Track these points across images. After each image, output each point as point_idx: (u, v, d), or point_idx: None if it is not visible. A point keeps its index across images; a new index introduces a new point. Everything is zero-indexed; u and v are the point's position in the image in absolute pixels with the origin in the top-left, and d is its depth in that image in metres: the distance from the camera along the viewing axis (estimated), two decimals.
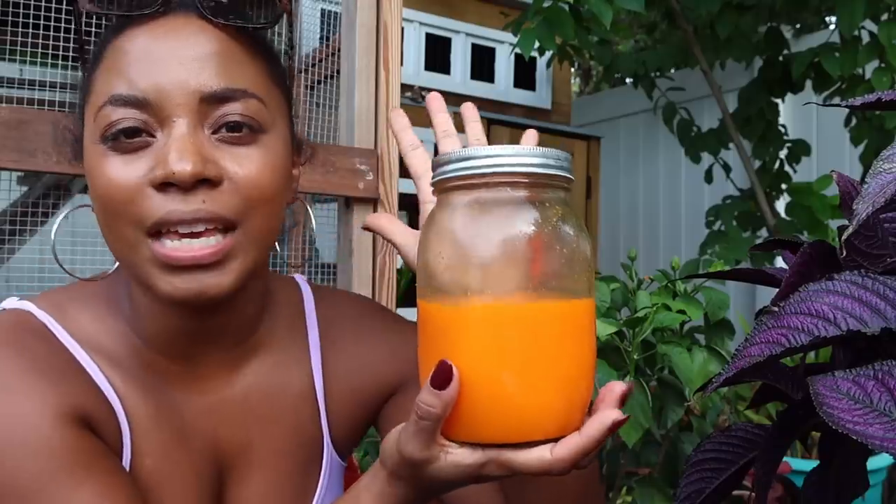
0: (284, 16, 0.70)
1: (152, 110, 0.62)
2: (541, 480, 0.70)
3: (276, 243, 0.74)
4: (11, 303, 0.72)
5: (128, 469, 0.69)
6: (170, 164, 0.60)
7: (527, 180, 0.52)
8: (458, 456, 0.53)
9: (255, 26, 0.67)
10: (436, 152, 0.76)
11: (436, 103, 0.81)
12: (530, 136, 0.79)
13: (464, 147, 0.62)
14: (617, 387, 0.53)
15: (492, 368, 0.51)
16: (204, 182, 0.61)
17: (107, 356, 0.70)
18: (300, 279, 0.86)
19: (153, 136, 0.63)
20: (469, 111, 0.82)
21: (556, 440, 0.52)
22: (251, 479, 0.76)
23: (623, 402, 0.52)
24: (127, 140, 0.62)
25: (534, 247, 0.51)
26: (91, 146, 0.64)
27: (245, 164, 0.64)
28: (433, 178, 0.54)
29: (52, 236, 0.73)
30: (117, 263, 0.73)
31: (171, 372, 0.72)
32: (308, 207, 0.84)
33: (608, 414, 0.52)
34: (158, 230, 0.62)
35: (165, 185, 0.61)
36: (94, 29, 0.79)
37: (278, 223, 0.68)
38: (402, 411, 0.81)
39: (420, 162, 0.79)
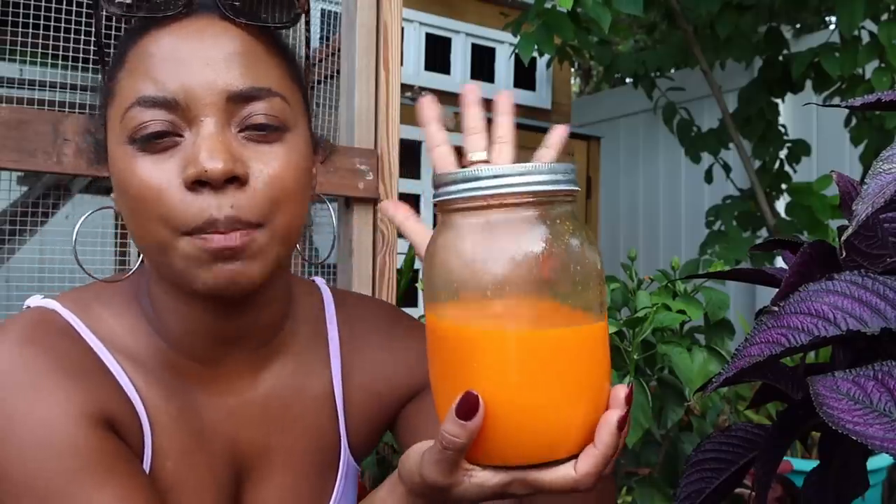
0: (301, 16, 0.71)
1: (180, 110, 0.63)
2: None
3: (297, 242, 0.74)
4: (36, 300, 0.72)
5: (148, 470, 0.68)
6: (201, 163, 0.61)
7: (534, 199, 0.51)
8: (481, 478, 0.53)
9: (276, 26, 0.68)
10: (459, 153, 0.76)
11: (471, 96, 0.79)
12: (559, 131, 0.79)
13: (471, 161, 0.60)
14: (620, 392, 0.53)
15: (514, 392, 0.50)
16: (233, 180, 0.62)
17: (130, 357, 0.70)
18: (320, 282, 0.86)
19: (181, 135, 0.63)
20: (503, 103, 0.80)
21: (577, 455, 0.52)
22: (269, 482, 0.76)
23: (628, 403, 0.52)
24: (156, 141, 0.63)
25: (549, 266, 0.50)
26: (118, 147, 0.65)
27: (271, 163, 0.65)
28: (434, 196, 0.53)
29: (74, 236, 0.73)
30: (138, 264, 0.73)
31: (194, 373, 0.72)
32: (330, 207, 0.85)
33: (610, 415, 0.52)
34: (195, 232, 0.62)
35: (197, 184, 0.62)
36: (112, 31, 0.79)
37: (302, 221, 0.69)
38: (419, 416, 0.81)
39: (441, 159, 0.78)
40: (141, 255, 0.71)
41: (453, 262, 0.52)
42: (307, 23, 0.74)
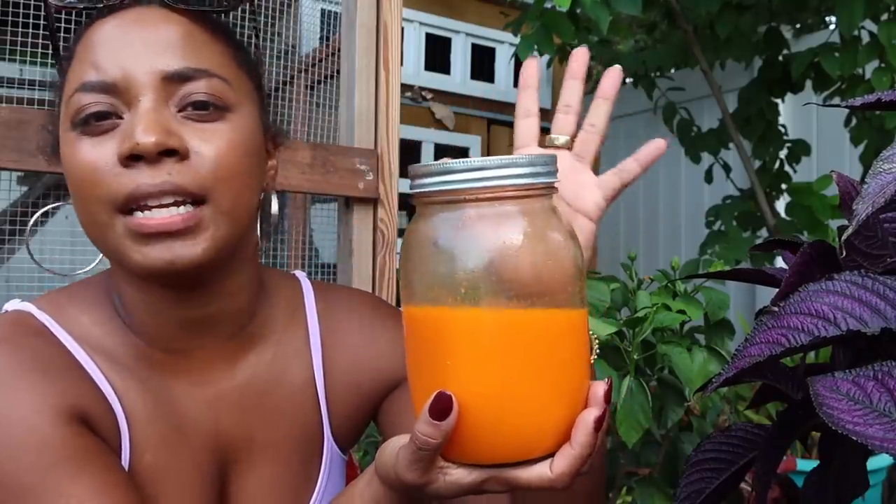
0: (248, 6, 0.74)
1: (119, 92, 0.64)
2: None
3: (279, 242, 0.74)
4: (13, 304, 0.73)
5: (128, 465, 0.69)
6: (134, 137, 0.62)
7: (510, 193, 0.50)
8: (456, 476, 0.52)
9: (213, 10, 0.70)
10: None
11: (577, 67, 0.77)
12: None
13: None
14: (599, 388, 0.53)
15: (487, 383, 0.50)
16: (170, 155, 0.63)
17: (105, 353, 0.71)
18: (300, 275, 0.87)
19: (121, 117, 0.65)
20: (608, 86, 0.79)
21: (554, 453, 0.52)
22: (253, 472, 0.76)
23: (607, 400, 0.52)
24: (96, 123, 0.64)
25: (524, 262, 0.49)
26: (64, 134, 0.67)
27: (211, 140, 0.65)
28: (411, 188, 0.53)
29: (27, 234, 0.74)
30: (97, 261, 0.74)
31: (169, 365, 0.73)
32: (273, 201, 0.84)
33: (587, 414, 0.51)
34: (130, 207, 0.63)
35: (132, 160, 0.62)
36: (72, 26, 0.80)
37: (250, 200, 0.69)
38: (400, 407, 0.81)
39: (523, 133, 0.77)
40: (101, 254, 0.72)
41: (428, 256, 0.51)
42: (252, 12, 0.75)
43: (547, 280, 0.50)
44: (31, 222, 0.76)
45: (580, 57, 0.73)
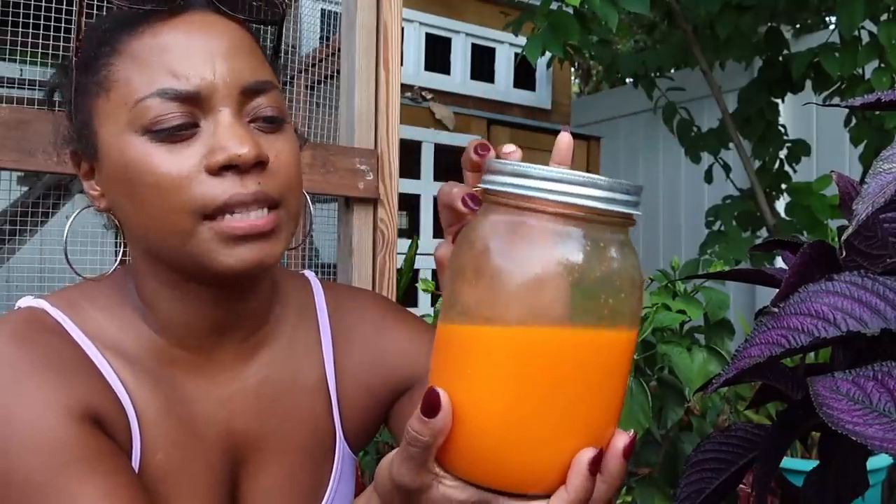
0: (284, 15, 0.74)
1: (199, 101, 0.65)
2: None
3: None
4: (27, 301, 0.73)
5: (139, 464, 0.69)
6: (232, 149, 0.64)
7: (576, 213, 0.46)
8: (451, 490, 0.50)
9: (267, 21, 0.72)
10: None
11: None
12: (565, 139, 0.68)
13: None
14: (619, 438, 0.49)
15: (499, 405, 0.47)
16: (257, 165, 0.65)
17: (118, 351, 0.71)
18: (310, 275, 0.87)
19: (198, 125, 0.66)
20: (563, 148, 0.66)
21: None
22: (265, 471, 0.76)
23: (625, 456, 0.48)
24: (175, 131, 0.65)
25: (570, 283, 0.46)
26: (124, 138, 0.65)
27: (280, 151, 0.68)
28: (482, 181, 0.50)
29: (65, 234, 0.74)
30: (117, 262, 0.73)
31: (185, 364, 0.73)
32: (309, 202, 0.85)
33: (582, 454, 0.47)
34: (214, 214, 0.64)
35: (222, 170, 0.64)
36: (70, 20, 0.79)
37: (302, 204, 0.73)
38: (413, 410, 0.81)
39: None
40: (119, 254, 0.73)
41: (474, 256, 0.48)
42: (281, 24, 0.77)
43: (591, 308, 0.47)
44: (69, 224, 0.76)
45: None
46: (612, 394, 0.48)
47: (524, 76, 4.88)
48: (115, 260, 0.74)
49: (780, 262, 2.68)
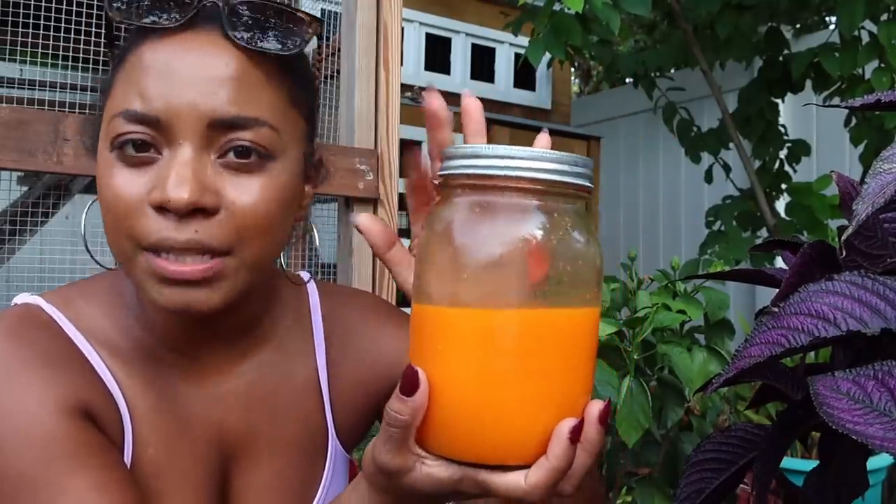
0: (314, 38, 0.69)
1: (161, 129, 0.62)
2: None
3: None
4: (23, 298, 0.74)
5: (130, 459, 0.69)
6: (167, 191, 0.60)
7: (532, 186, 0.48)
8: (433, 468, 0.51)
9: (279, 53, 0.65)
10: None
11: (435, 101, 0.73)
12: (542, 140, 0.71)
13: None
14: (594, 405, 0.50)
15: (471, 381, 0.48)
16: (200, 210, 0.61)
17: (111, 348, 0.71)
18: (304, 275, 0.87)
19: (160, 153, 0.63)
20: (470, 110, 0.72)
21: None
22: (256, 469, 0.77)
23: (601, 422, 0.49)
24: (135, 153, 0.62)
25: (532, 258, 0.48)
26: (102, 150, 0.65)
27: (246, 193, 0.63)
28: (440, 170, 0.51)
29: (82, 229, 0.74)
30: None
31: (176, 364, 0.74)
32: (313, 226, 0.84)
33: (563, 424, 0.48)
34: (149, 249, 0.62)
35: (160, 208, 0.61)
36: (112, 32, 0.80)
37: (276, 249, 0.68)
38: None
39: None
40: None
41: (439, 239, 0.50)
42: (319, 47, 0.72)
43: (554, 280, 0.48)
44: (84, 215, 0.76)
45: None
46: (581, 364, 0.50)
47: (524, 76, 4.89)
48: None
49: (780, 262, 2.68)
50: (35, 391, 0.64)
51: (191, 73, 0.62)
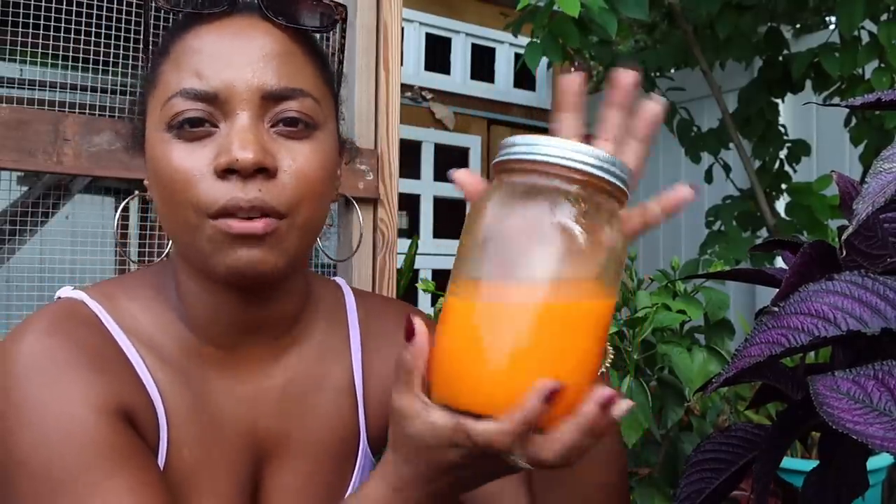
0: (338, 23, 0.76)
1: (219, 104, 0.67)
2: (565, 479, 0.70)
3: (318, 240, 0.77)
4: (65, 291, 0.75)
5: (165, 460, 0.70)
6: (233, 152, 0.65)
7: (584, 178, 0.51)
8: (434, 416, 0.54)
9: (313, 29, 0.73)
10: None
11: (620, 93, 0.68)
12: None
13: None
14: (600, 388, 0.52)
15: (472, 340, 0.52)
16: (261, 171, 0.66)
17: (152, 347, 0.73)
18: (341, 281, 0.90)
19: (216, 126, 0.67)
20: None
21: None
22: (288, 469, 0.77)
23: (603, 406, 0.51)
24: (191, 129, 0.67)
25: (559, 243, 0.51)
26: (155, 134, 0.69)
27: (298, 158, 0.69)
28: (496, 158, 0.55)
29: (114, 226, 0.77)
30: (164, 254, 0.77)
31: (215, 361, 0.75)
32: (357, 206, 0.87)
33: (540, 381, 0.50)
34: (216, 215, 0.66)
35: (226, 173, 0.65)
36: (132, 25, 0.81)
37: (323, 217, 0.73)
38: None
39: None
40: (167, 247, 0.76)
41: (480, 222, 0.53)
42: (343, 31, 0.78)
43: (576, 268, 0.51)
44: (117, 215, 0.80)
45: (625, 82, 0.68)
46: (589, 350, 0.53)
47: (524, 76, 4.88)
48: (138, 261, 0.76)
49: (780, 262, 2.68)
50: (78, 392, 0.65)
51: (240, 52, 0.68)
